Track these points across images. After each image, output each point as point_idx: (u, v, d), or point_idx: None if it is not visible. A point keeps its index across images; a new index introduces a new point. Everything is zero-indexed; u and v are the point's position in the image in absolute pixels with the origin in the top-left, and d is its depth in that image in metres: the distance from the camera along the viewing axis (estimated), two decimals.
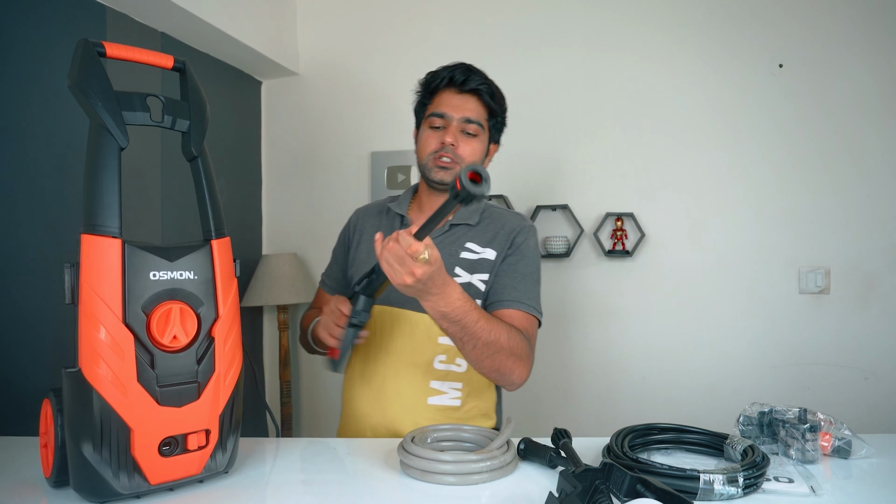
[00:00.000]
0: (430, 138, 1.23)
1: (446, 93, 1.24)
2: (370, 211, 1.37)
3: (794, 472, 0.85)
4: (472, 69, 1.25)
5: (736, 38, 2.28)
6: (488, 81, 1.25)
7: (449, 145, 1.20)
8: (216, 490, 0.83)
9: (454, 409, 1.20)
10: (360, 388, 1.24)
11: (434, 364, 1.20)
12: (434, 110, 1.23)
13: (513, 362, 1.10)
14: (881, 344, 2.19)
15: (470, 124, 1.22)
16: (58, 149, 1.63)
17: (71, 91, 0.77)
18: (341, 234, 1.40)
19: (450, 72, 1.23)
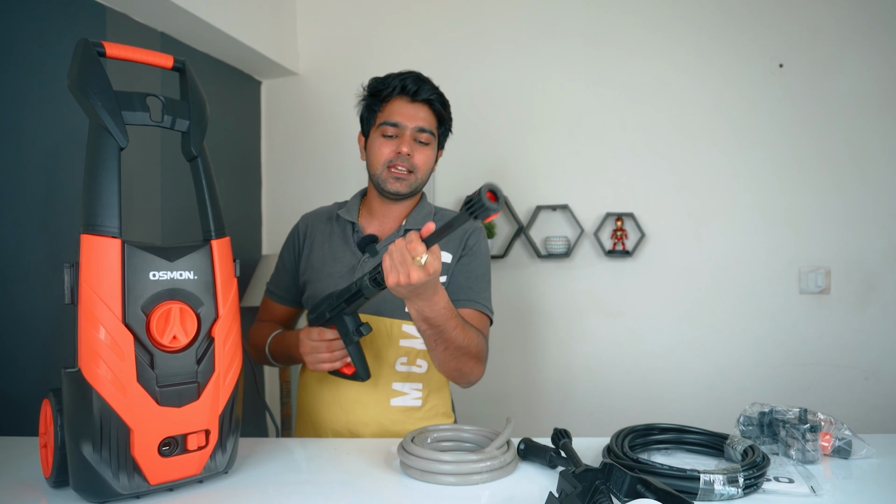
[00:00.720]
0: (383, 147, 1.22)
1: (398, 102, 1.23)
2: (319, 217, 1.35)
3: (794, 472, 0.85)
4: (422, 78, 1.25)
5: (736, 38, 2.28)
6: (438, 91, 1.26)
7: (405, 155, 1.20)
8: (216, 490, 0.83)
9: (416, 409, 1.23)
10: (319, 392, 1.24)
11: (395, 366, 1.22)
12: (386, 119, 1.22)
13: (474, 363, 1.15)
14: (881, 344, 2.19)
15: (423, 133, 1.22)
16: (57, 149, 1.63)
17: (71, 91, 0.77)
18: (289, 242, 1.36)
19: (401, 80, 1.22)
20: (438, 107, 1.24)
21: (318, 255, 1.29)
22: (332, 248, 1.28)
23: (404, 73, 1.24)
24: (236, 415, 0.87)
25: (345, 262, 1.25)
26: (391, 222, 1.28)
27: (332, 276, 1.24)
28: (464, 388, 1.22)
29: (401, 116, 1.21)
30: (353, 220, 1.28)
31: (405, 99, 1.22)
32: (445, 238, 1.19)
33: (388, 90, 1.23)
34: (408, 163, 1.21)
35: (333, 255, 1.27)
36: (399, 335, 1.22)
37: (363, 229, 1.28)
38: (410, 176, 1.22)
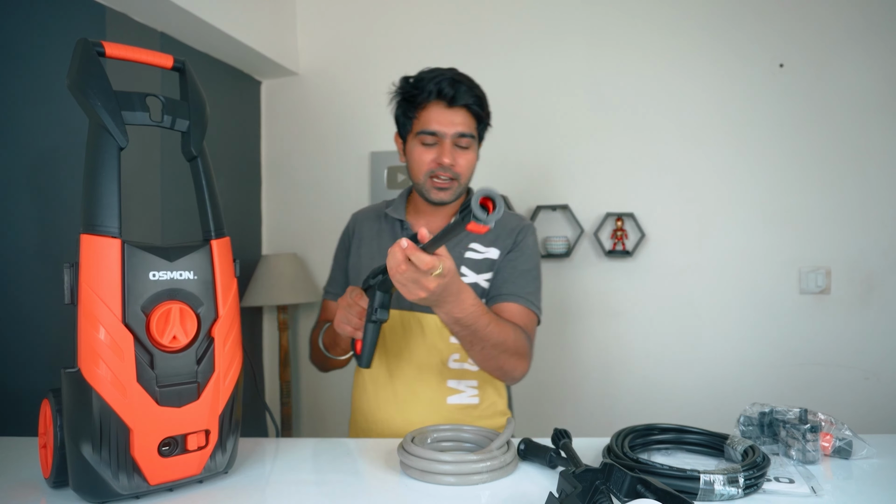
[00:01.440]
0: (423, 156, 1.19)
1: (435, 108, 1.17)
2: (367, 215, 1.36)
3: (794, 472, 0.85)
4: (458, 79, 1.18)
5: (737, 38, 2.28)
6: (475, 92, 1.20)
7: (448, 166, 1.17)
8: (216, 490, 0.83)
9: (473, 406, 1.22)
10: (375, 392, 1.23)
11: (449, 363, 1.21)
12: (425, 128, 1.17)
13: (515, 360, 1.13)
14: (882, 344, 2.19)
15: (463, 138, 1.18)
16: (57, 149, 1.63)
17: (70, 91, 0.77)
18: (340, 241, 1.38)
19: (436, 84, 1.16)
20: (476, 109, 1.19)
21: (367, 252, 1.29)
22: (382, 245, 1.27)
23: (438, 74, 1.18)
24: (236, 415, 0.87)
25: None
26: (439, 220, 1.27)
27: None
28: (509, 384, 1.23)
29: (439, 125, 1.16)
30: (401, 217, 1.27)
31: (442, 104, 1.17)
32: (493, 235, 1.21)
33: (424, 95, 1.17)
34: (450, 172, 1.18)
35: (382, 252, 1.25)
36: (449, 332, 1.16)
37: (412, 227, 1.27)
38: (453, 183, 1.19)
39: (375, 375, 1.24)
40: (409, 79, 1.22)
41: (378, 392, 1.23)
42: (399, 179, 2.46)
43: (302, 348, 2.62)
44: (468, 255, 1.22)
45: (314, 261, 2.58)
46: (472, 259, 1.22)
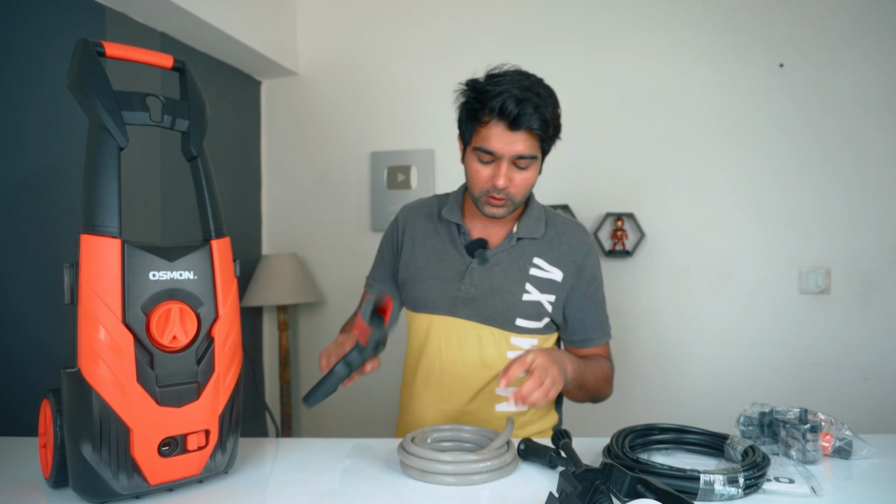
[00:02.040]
0: (479, 173, 1.12)
1: (495, 128, 1.08)
2: (419, 212, 1.30)
3: (794, 472, 0.85)
4: (524, 97, 1.07)
5: (737, 38, 2.27)
6: (541, 113, 1.08)
7: (501, 188, 1.11)
8: (216, 490, 0.83)
9: (520, 413, 1.24)
10: (424, 396, 1.24)
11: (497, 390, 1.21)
12: (483, 145, 1.09)
13: (606, 387, 1.26)
14: (882, 344, 2.19)
15: (522, 160, 1.10)
16: (57, 149, 1.63)
17: (70, 91, 0.77)
18: (388, 235, 1.32)
19: (500, 102, 1.06)
20: (540, 132, 1.09)
21: (422, 253, 1.24)
22: (438, 248, 1.24)
23: (504, 90, 1.08)
24: (236, 415, 0.87)
25: (452, 266, 1.21)
26: (498, 226, 1.24)
27: (438, 279, 1.21)
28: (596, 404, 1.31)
29: (498, 145, 1.08)
30: (458, 221, 1.23)
31: (503, 124, 1.07)
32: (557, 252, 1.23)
33: (485, 111, 1.08)
34: (504, 194, 1.12)
35: (439, 256, 1.23)
36: (507, 347, 1.20)
37: (469, 231, 1.23)
38: (507, 202, 1.14)
39: (425, 378, 1.23)
40: (475, 86, 1.14)
41: (427, 396, 1.23)
42: (399, 179, 2.46)
43: (302, 348, 2.62)
44: (532, 273, 1.20)
45: (314, 261, 2.58)
46: (537, 277, 1.20)
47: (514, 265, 1.20)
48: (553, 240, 1.23)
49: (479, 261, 1.19)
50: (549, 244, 1.22)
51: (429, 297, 1.21)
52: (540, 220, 1.24)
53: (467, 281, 1.19)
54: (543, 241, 1.23)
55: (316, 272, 2.57)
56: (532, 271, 1.20)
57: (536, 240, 1.22)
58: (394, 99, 2.49)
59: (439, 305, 1.20)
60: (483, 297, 1.18)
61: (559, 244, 1.23)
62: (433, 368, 1.22)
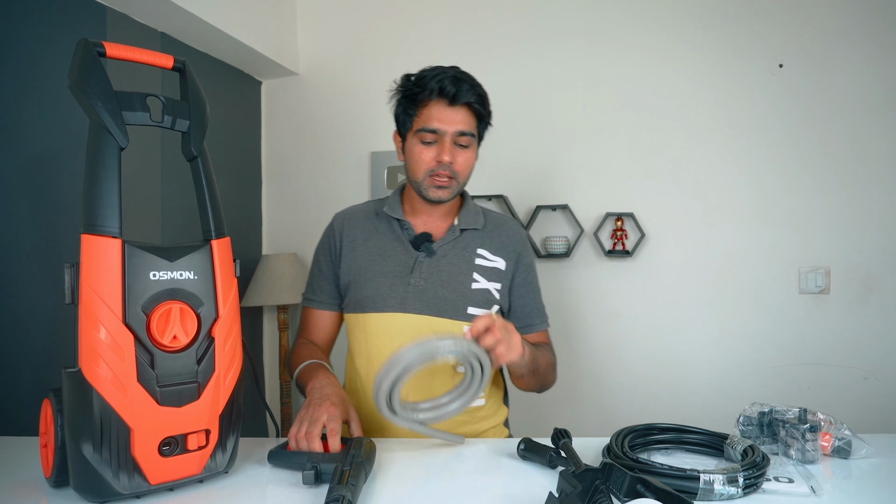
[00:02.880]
0: (423, 154, 1.17)
1: (436, 106, 1.16)
2: (355, 216, 1.30)
3: (794, 472, 0.85)
4: (460, 77, 1.17)
5: (737, 38, 2.28)
6: (478, 91, 1.19)
7: (447, 164, 1.16)
8: (216, 490, 0.83)
9: (480, 408, 1.24)
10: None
11: (458, 367, 1.20)
12: (425, 125, 1.16)
13: (552, 376, 1.27)
14: (881, 344, 2.19)
15: (463, 137, 1.17)
16: (57, 149, 1.63)
17: (71, 91, 0.77)
18: (324, 244, 1.31)
19: (438, 83, 1.15)
20: (478, 108, 1.18)
21: (365, 254, 1.24)
22: (381, 246, 1.24)
23: (441, 72, 1.17)
24: (236, 415, 0.87)
25: (399, 261, 1.21)
26: (439, 221, 1.26)
27: (386, 276, 1.20)
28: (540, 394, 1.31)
29: (440, 122, 1.15)
30: (400, 216, 1.24)
31: (443, 102, 1.15)
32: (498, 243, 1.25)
33: (425, 93, 1.16)
34: (449, 170, 1.17)
35: (384, 253, 1.23)
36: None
37: (412, 227, 1.24)
38: (452, 182, 1.18)
39: None
40: (410, 76, 1.21)
41: None
42: (399, 179, 2.46)
43: None
44: (478, 262, 1.23)
45: None
46: (483, 266, 1.23)
47: (459, 256, 1.22)
48: (492, 231, 1.27)
49: (426, 254, 1.20)
50: (489, 235, 1.26)
51: (377, 295, 1.19)
52: (478, 213, 1.28)
53: (416, 274, 1.19)
54: (484, 232, 1.26)
55: None
56: (478, 261, 1.23)
57: (478, 231, 1.25)
58: None
59: (389, 302, 1.19)
60: (433, 289, 1.19)
61: (498, 235, 1.27)
62: None
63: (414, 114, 1.18)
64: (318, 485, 0.83)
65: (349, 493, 0.72)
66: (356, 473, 0.78)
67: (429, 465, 0.94)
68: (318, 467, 0.82)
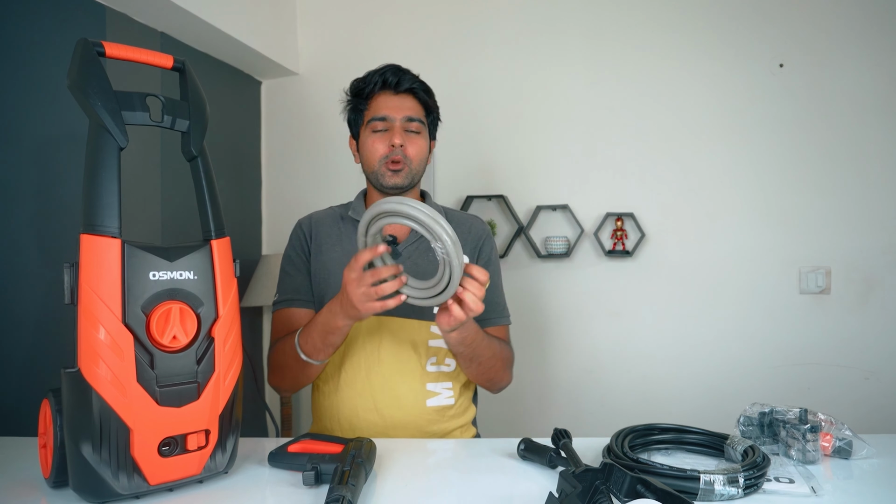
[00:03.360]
0: (376, 143, 1.22)
1: (382, 96, 1.24)
2: (320, 220, 1.32)
3: (794, 472, 0.85)
4: (401, 69, 1.26)
5: (737, 38, 2.28)
6: (420, 80, 1.26)
7: (399, 146, 1.20)
8: (216, 490, 0.83)
9: (449, 407, 1.25)
10: (351, 396, 1.21)
11: (427, 367, 1.23)
12: (374, 114, 1.22)
13: (504, 372, 1.24)
14: (882, 344, 2.19)
15: (412, 122, 1.23)
16: (57, 149, 1.63)
17: (70, 91, 0.77)
18: (293, 244, 1.31)
19: (380, 75, 1.24)
20: (423, 95, 1.25)
21: (332, 258, 1.25)
22: (348, 250, 1.25)
23: (382, 67, 1.26)
24: (236, 415, 0.87)
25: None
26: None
27: None
28: (494, 394, 1.28)
29: (388, 109, 1.22)
30: None
31: (389, 92, 1.24)
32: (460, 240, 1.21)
33: (371, 86, 1.24)
34: (401, 154, 1.21)
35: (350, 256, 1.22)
36: (428, 336, 1.22)
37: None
38: (405, 167, 1.22)
39: (352, 379, 1.22)
40: (357, 78, 1.29)
41: (355, 397, 1.21)
42: None
43: None
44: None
45: None
46: None
47: (423, 256, 1.23)
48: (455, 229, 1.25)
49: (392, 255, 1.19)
50: None
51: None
52: (440, 211, 1.27)
53: None
54: None
55: None
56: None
57: None
58: None
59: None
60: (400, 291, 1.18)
61: (461, 233, 1.28)
62: (359, 369, 1.21)
63: (364, 108, 1.25)
64: (318, 485, 0.82)
65: (349, 493, 0.72)
66: (356, 473, 0.78)
67: (429, 465, 0.94)
68: (319, 468, 0.82)
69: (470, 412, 1.31)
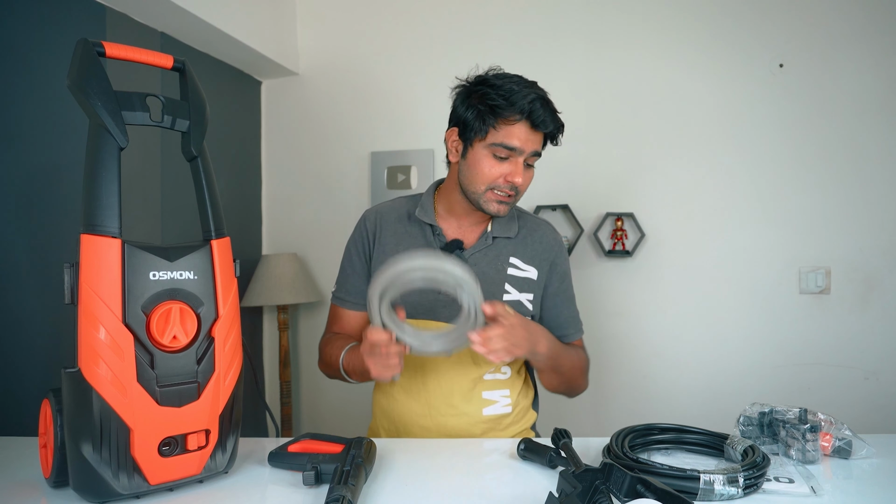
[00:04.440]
0: (493, 168, 1.12)
1: (521, 126, 1.11)
2: (387, 216, 1.25)
3: (794, 472, 0.85)
4: (548, 103, 1.14)
5: (737, 38, 2.27)
6: (557, 119, 1.15)
7: (518, 185, 1.13)
8: (216, 490, 0.83)
9: (506, 415, 1.22)
10: (408, 403, 1.20)
11: (484, 376, 1.21)
12: (504, 142, 1.10)
13: (582, 379, 1.27)
14: (881, 344, 2.19)
15: (535, 157, 1.15)
16: (57, 149, 1.63)
17: (71, 91, 0.77)
18: (356, 241, 1.26)
19: (530, 104, 1.10)
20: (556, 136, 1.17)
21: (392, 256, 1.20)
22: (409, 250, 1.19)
23: (531, 93, 1.12)
24: (236, 415, 0.87)
25: None
26: (472, 227, 1.23)
27: None
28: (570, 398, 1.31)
29: (520, 142, 1.11)
30: (432, 221, 1.21)
31: (528, 124, 1.11)
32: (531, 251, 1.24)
33: (513, 111, 1.10)
34: (516, 189, 1.15)
35: None
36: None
37: (444, 232, 1.21)
38: (514, 199, 1.16)
39: (408, 386, 1.21)
40: (491, 83, 1.14)
41: (410, 402, 1.20)
42: (399, 179, 2.46)
43: (302, 348, 2.62)
44: (510, 272, 1.21)
45: (314, 261, 2.58)
46: (515, 276, 1.21)
47: (491, 266, 1.20)
48: (526, 238, 1.25)
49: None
50: (522, 243, 1.24)
51: (407, 303, 1.13)
52: (512, 219, 1.25)
53: None
54: (517, 239, 1.24)
55: (316, 272, 2.57)
56: (510, 271, 1.21)
57: (510, 239, 1.23)
58: (394, 99, 2.49)
59: (419, 310, 1.17)
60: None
61: (532, 242, 1.24)
62: (416, 375, 1.20)
63: (493, 126, 1.12)
64: (319, 485, 0.83)
65: (349, 493, 0.72)
66: (356, 473, 0.78)
67: (429, 465, 0.94)
68: (319, 468, 0.82)
69: (528, 418, 1.29)
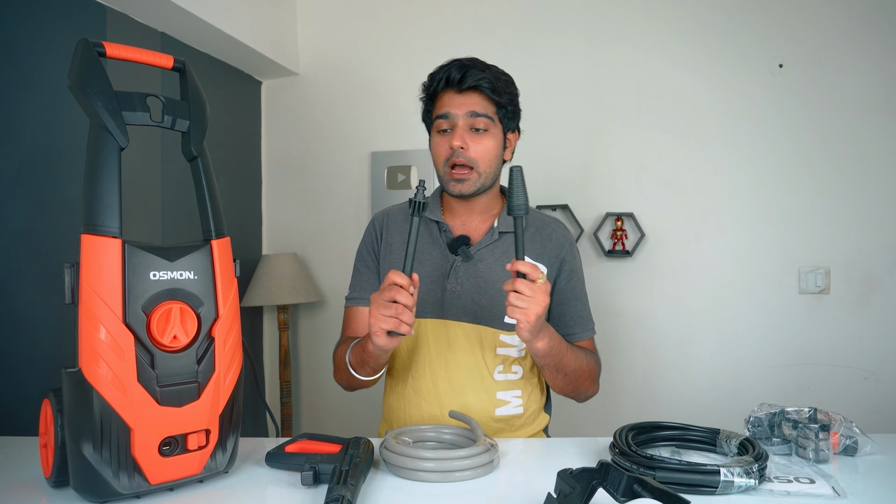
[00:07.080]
0: (439, 144, 1.16)
1: (447, 94, 1.16)
2: (394, 217, 1.26)
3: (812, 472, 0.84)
4: (468, 64, 1.16)
5: (737, 38, 2.28)
6: (487, 73, 1.15)
7: (459, 148, 1.12)
8: (216, 490, 0.83)
9: (518, 416, 1.20)
10: (419, 404, 1.19)
11: (494, 375, 1.18)
12: (437, 112, 1.16)
13: (589, 383, 1.20)
14: (881, 344, 2.19)
15: (477, 118, 1.13)
16: (57, 149, 1.63)
17: (71, 91, 0.77)
18: (366, 242, 1.28)
19: (445, 71, 1.16)
20: (489, 92, 1.14)
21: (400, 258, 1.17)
22: (419, 249, 1.19)
23: (450, 62, 1.17)
24: (236, 415, 0.87)
25: (436, 265, 1.19)
26: (478, 222, 1.23)
27: (423, 281, 1.16)
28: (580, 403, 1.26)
29: (449, 106, 1.14)
30: (439, 219, 1.21)
31: (453, 90, 1.15)
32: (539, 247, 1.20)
33: (436, 84, 1.17)
34: (463, 157, 1.12)
35: (421, 257, 1.19)
36: (495, 343, 1.18)
37: (450, 228, 1.21)
38: (472, 174, 1.13)
39: (419, 384, 1.19)
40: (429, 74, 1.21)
41: (422, 402, 1.18)
42: (399, 180, 2.46)
43: (302, 348, 2.62)
44: None
45: (314, 261, 2.58)
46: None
47: (498, 262, 1.18)
48: (535, 236, 1.23)
49: (462, 258, 1.17)
50: (530, 240, 1.21)
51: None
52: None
53: (452, 279, 1.17)
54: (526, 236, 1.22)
55: (316, 272, 2.57)
56: None
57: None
58: (394, 99, 2.49)
59: (427, 308, 1.17)
60: (469, 295, 1.16)
61: (541, 240, 1.22)
62: (425, 374, 1.18)
63: (430, 109, 1.19)
64: (317, 485, 0.83)
65: (349, 493, 0.72)
66: (355, 473, 0.78)
67: None
68: (317, 468, 0.82)
69: (541, 421, 1.27)
